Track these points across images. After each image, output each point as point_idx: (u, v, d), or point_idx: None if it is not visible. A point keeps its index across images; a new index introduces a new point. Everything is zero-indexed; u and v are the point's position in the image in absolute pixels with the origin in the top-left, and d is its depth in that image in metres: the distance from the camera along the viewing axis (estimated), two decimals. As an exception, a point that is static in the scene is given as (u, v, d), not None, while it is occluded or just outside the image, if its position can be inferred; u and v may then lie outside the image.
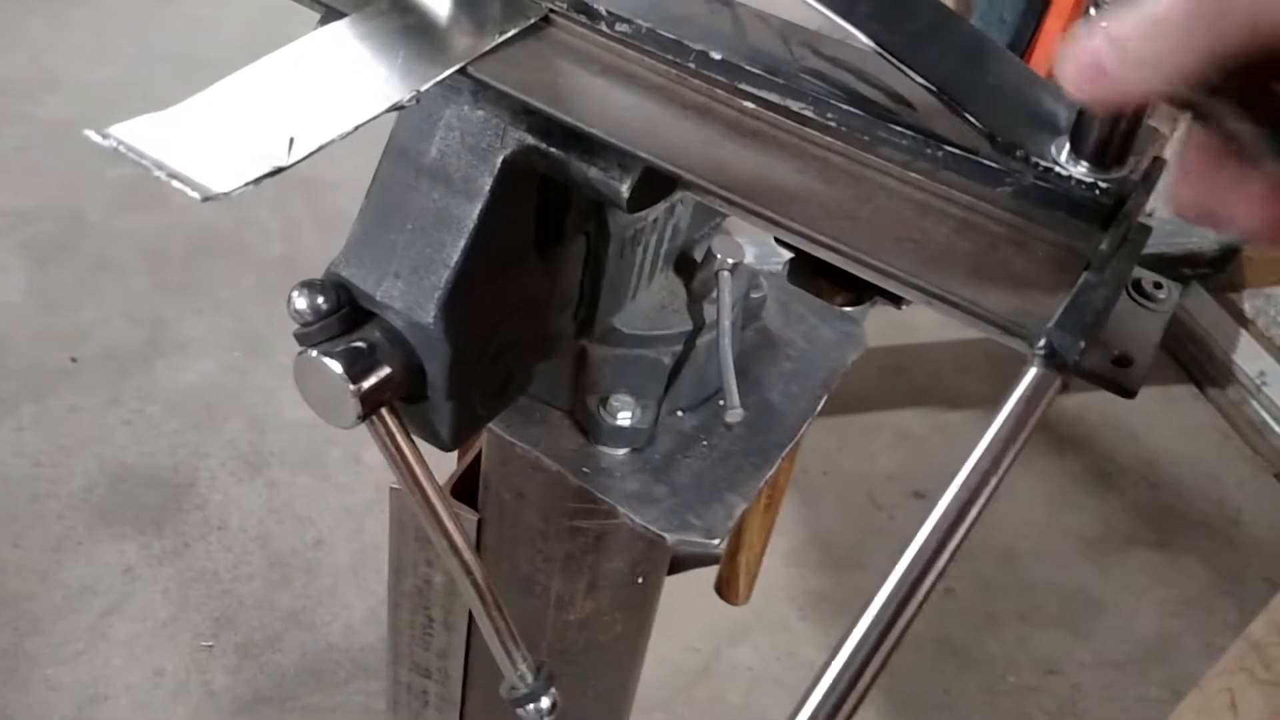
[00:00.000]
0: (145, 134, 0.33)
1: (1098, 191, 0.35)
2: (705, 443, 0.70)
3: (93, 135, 0.32)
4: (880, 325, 1.46)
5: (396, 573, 0.95)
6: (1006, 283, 0.35)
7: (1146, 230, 0.36)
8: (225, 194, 0.32)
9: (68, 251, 2.21)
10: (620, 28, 0.42)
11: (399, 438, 0.53)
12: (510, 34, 0.42)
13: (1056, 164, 0.36)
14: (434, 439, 0.57)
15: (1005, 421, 0.30)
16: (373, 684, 1.61)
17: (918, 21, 0.39)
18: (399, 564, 0.94)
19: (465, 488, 0.86)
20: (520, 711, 0.58)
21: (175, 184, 0.32)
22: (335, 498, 1.84)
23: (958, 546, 0.30)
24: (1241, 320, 2.39)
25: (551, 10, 0.44)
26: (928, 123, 0.37)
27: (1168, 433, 2.28)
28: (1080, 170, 0.36)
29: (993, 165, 0.36)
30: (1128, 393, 0.37)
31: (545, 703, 0.58)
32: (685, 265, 0.70)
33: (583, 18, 0.43)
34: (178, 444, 1.88)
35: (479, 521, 0.85)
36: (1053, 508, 2.07)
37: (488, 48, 0.41)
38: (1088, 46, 0.30)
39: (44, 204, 2.31)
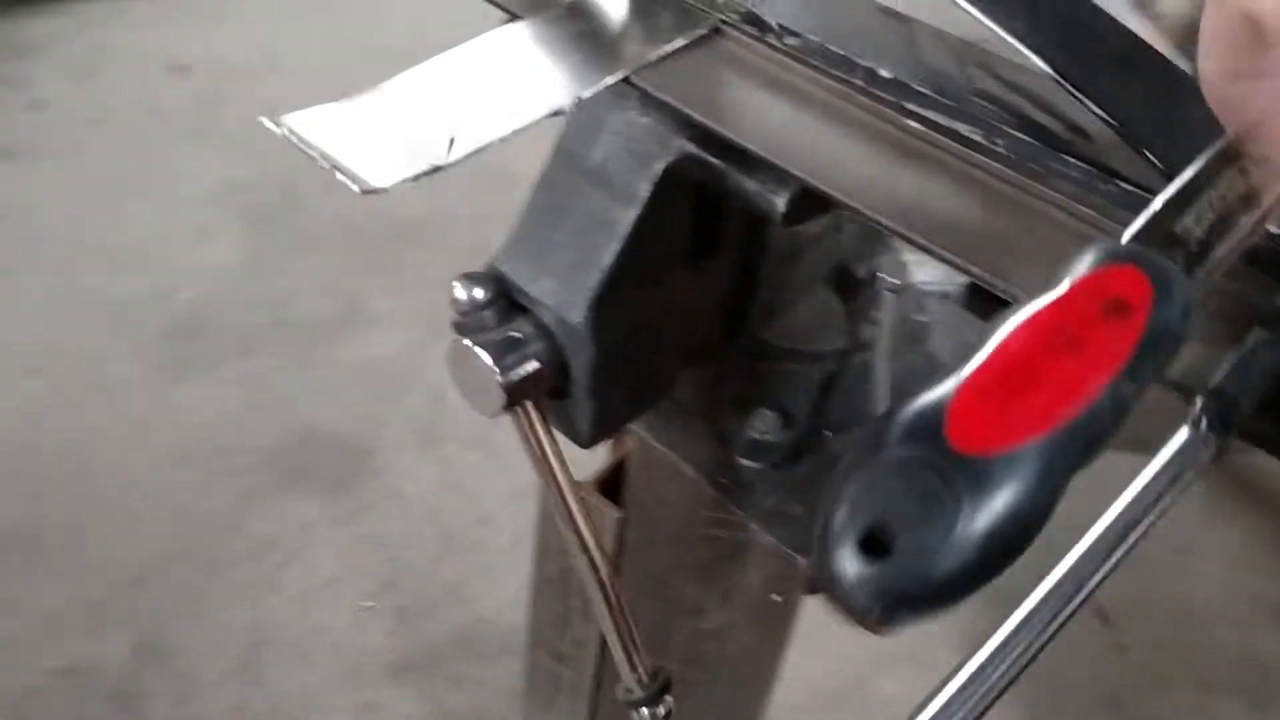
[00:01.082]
0: (316, 124, 0.34)
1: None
2: (853, 466, 0.68)
3: (266, 122, 0.34)
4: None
5: (541, 558, 0.97)
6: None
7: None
8: (382, 189, 0.33)
9: (278, 223, 2.36)
10: (789, 41, 0.41)
11: (540, 431, 0.54)
12: (680, 44, 0.42)
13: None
14: (573, 435, 0.58)
15: (1150, 484, 0.28)
16: (516, 663, 1.66)
17: (1104, 49, 0.37)
18: (544, 550, 0.96)
19: (612, 483, 0.87)
20: (634, 714, 0.59)
21: (338, 175, 0.33)
22: (503, 478, 1.89)
23: (1073, 613, 0.28)
24: None
25: (723, 21, 0.44)
26: (1104, 156, 0.35)
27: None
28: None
29: (1171, 207, 0.34)
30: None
31: (661, 710, 0.58)
32: (847, 282, 0.69)
33: (753, 29, 0.43)
34: (361, 412, 1.98)
35: (621, 519, 0.86)
36: (1237, 568, 1.93)
37: (655, 57, 0.41)
38: None
39: (261, 177, 2.47)
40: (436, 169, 0.35)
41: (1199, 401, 0.29)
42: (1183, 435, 0.29)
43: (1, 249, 2.24)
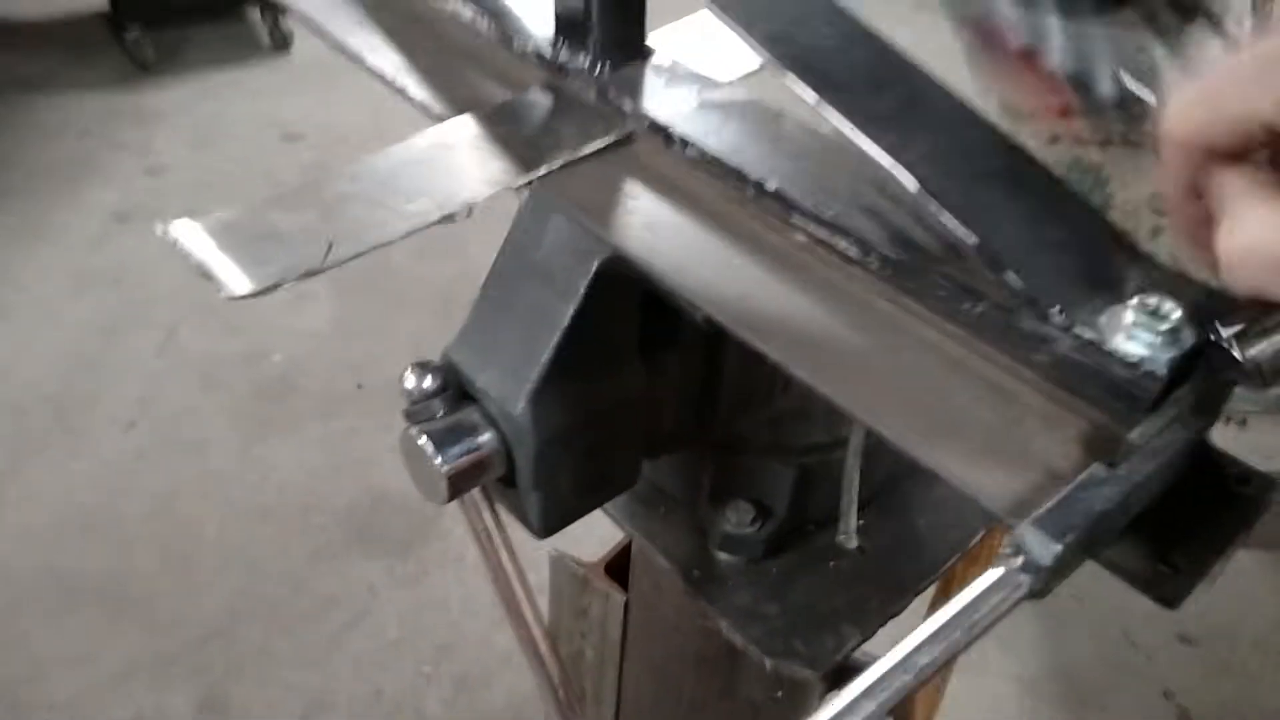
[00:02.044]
0: (199, 232, 0.36)
1: (1141, 372, 0.31)
2: (832, 563, 0.66)
3: (157, 227, 0.36)
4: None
5: (553, 639, 0.97)
6: (1016, 464, 0.31)
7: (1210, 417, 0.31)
8: (243, 296, 0.34)
9: (370, 289, 2.45)
10: (690, 152, 0.42)
11: (487, 520, 0.55)
12: (590, 150, 0.43)
13: (1103, 335, 0.31)
14: (527, 524, 0.58)
15: (957, 617, 0.27)
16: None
17: (985, 165, 0.36)
18: (555, 631, 0.96)
19: (620, 567, 0.87)
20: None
21: (209, 281, 0.35)
22: (561, 544, 1.89)
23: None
24: None
25: (636, 130, 0.44)
26: (971, 276, 0.34)
27: None
28: (1132, 346, 0.31)
29: (1028, 330, 0.33)
30: (1166, 603, 0.32)
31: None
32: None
33: (659, 139, 0.43)
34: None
35: (625, 603, 0.85)
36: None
37: (561, 163, 0.42)
38: None
39: (359, 244, 2.57)
40: (310, 274, 0.36)
41: (1017, 537, 0.28)
42: (993, 572, 0.28)
43: (115, 309, 2.38)
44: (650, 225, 0.41)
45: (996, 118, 0.35)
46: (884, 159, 0.35)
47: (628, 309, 0.53)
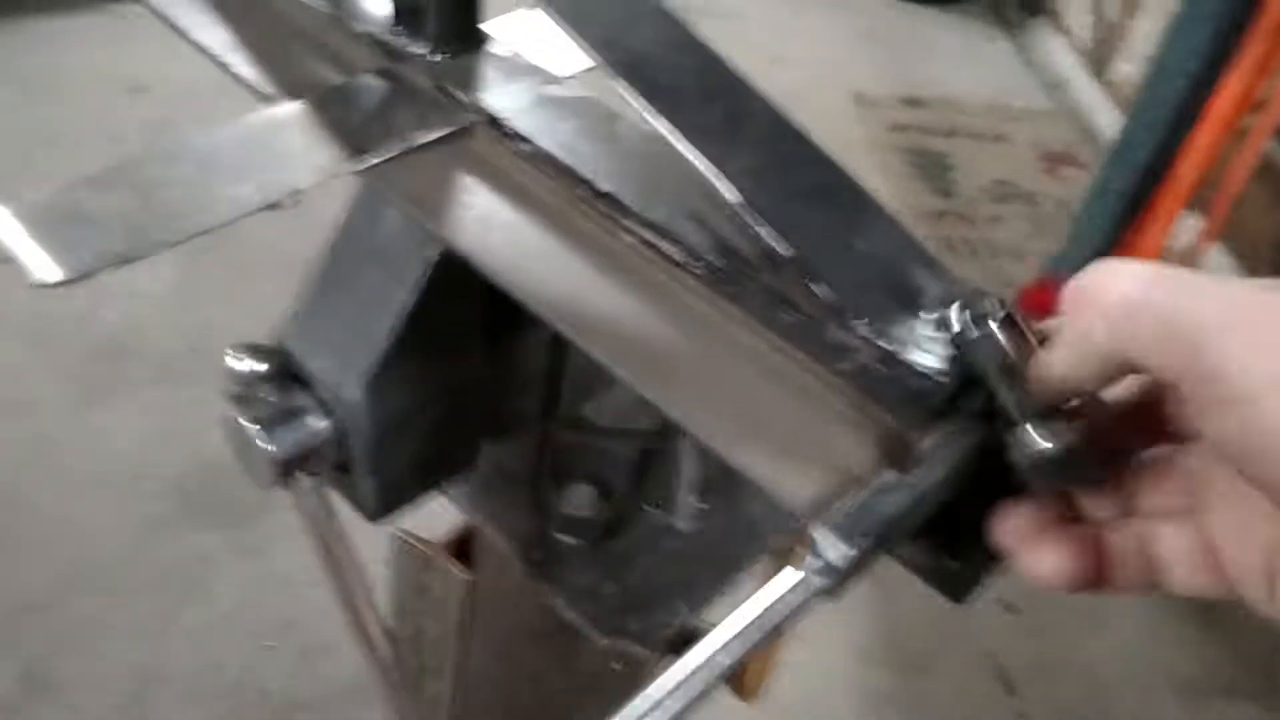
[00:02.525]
0: (5, 217, 0.35)
1: (931, 382, 0.33)
2: (670, 544, 0.68)
3: (-42, 212, 0.34)
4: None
5: (395, 617, 0.96)
6: (817, 465, 0.33)
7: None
8: (52, 284, 0.33)
9: (215, 253, 2.35)
10: (524, 147, 0.42)
11: (316, 504, 0.54)
12: (427, 139, 0.43)
13: (901, 346, 0.34)
14: (360, 508, 0.58)
15: (757, 619, 0.29)
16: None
17: (799, 179, 0.38)
18: (398, 609, 0.95)
19: (463, 547, 0.87)
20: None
21: (16, 266, 0.33)
22: (410, 516, 1.88)
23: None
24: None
25: (473, 122, 0.44)
26: (786, 285, 0.36)
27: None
28: (925, 357, 0.33)
29: (835, 340, 0.35)
30: (953, 598, 0.34)
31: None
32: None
33: (495, 133, 0.43)
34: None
35: (470, 583, 0.86)
36: (1149, 641, 1.94)
37: (396, 153, 0.42)
38: None
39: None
40: (126, 260, 0.35)
41: (812, 539, 0.30)
42: (787, 572, 0.29)
43: (-69, 263, 2.22)
44: (483, 220, 0.41)
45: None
46: (708, 170, 0.36)
47: (468, 294, 0.53)
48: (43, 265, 0.34)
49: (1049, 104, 3.56)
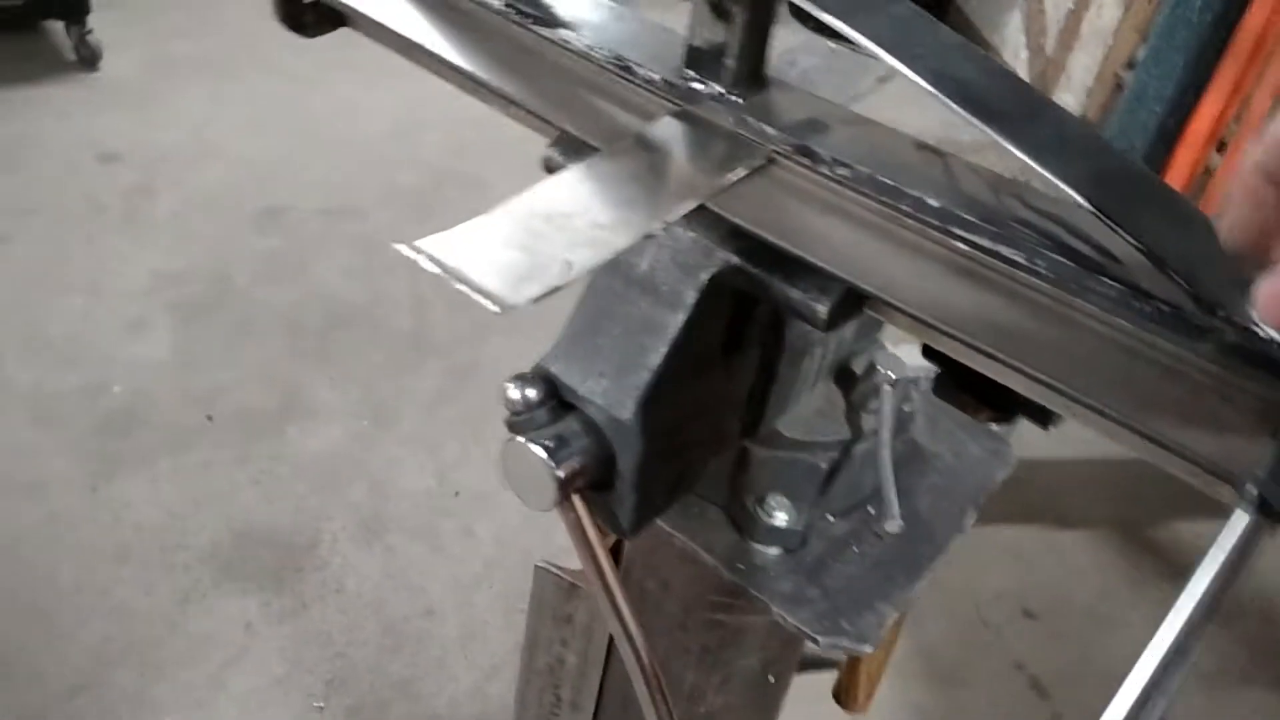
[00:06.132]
0: (444, 248, 0.38)
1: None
2: (856, 549, 0.72)
3: (402, 249, 0.37)
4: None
5: (531, 649, 0.98)
6: (1213, 429, 0.37)
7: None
8: (516, 306, 0.36)
9: (212, 314, 2.34)
10: (840, 171, 0.46)
11: (585, 522, 0.57)
12: (742, 173, 0.47)
13: (1255, 325, 0.38)
14: (614, 526, 0.61)
15: (1220, 571, 0.33)
16: (475, 759, 1.64)
17: (1129, 186, 0.42)
18: (535, 640, 0.97)
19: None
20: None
21: (474, 295, 0.36)
22: (447, 568, 1.88)
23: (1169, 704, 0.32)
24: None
25: (775, 152, 0.48)
26: (1133, 277, 0.41)
27: (1289, 568, 2.21)
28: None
29: (1194, 322, 0.39)
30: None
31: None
32: (845, 377, 0.74)
33: (806, 160, 0.47)
34: (302, 506, 1.96)
35: (618, 606, 0.88)
36: (1164, 638, 2.01)
37: (725, 185, 0.46)
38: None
39: (193, 267, 2.46)
40: (557, 288, 0.38)
41: (1253, 489, 0.34)
42: (1241, 522, 0.34)
43: (-81, 345, 2.18)
44: (818, 236, 0.45)
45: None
46: (1054, 181, 0.41)
47: (721, 316, 0.57)
48: (499, 290, 0.37)
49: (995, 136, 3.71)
